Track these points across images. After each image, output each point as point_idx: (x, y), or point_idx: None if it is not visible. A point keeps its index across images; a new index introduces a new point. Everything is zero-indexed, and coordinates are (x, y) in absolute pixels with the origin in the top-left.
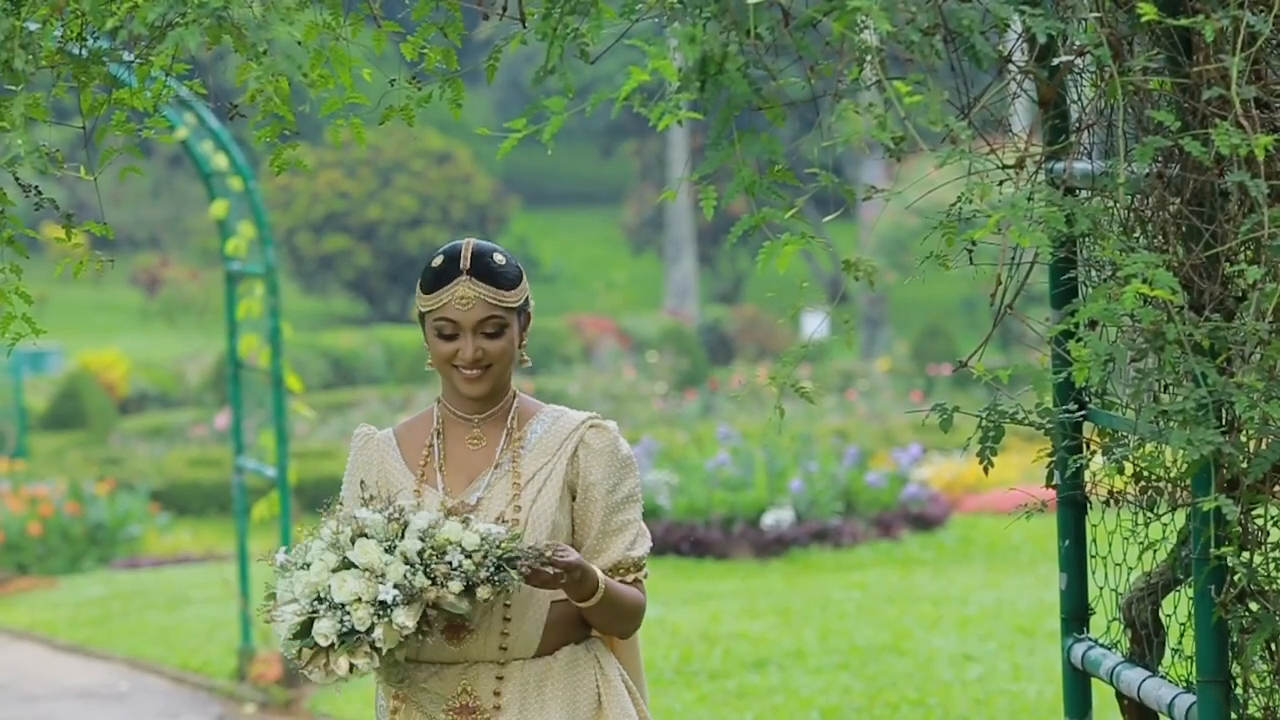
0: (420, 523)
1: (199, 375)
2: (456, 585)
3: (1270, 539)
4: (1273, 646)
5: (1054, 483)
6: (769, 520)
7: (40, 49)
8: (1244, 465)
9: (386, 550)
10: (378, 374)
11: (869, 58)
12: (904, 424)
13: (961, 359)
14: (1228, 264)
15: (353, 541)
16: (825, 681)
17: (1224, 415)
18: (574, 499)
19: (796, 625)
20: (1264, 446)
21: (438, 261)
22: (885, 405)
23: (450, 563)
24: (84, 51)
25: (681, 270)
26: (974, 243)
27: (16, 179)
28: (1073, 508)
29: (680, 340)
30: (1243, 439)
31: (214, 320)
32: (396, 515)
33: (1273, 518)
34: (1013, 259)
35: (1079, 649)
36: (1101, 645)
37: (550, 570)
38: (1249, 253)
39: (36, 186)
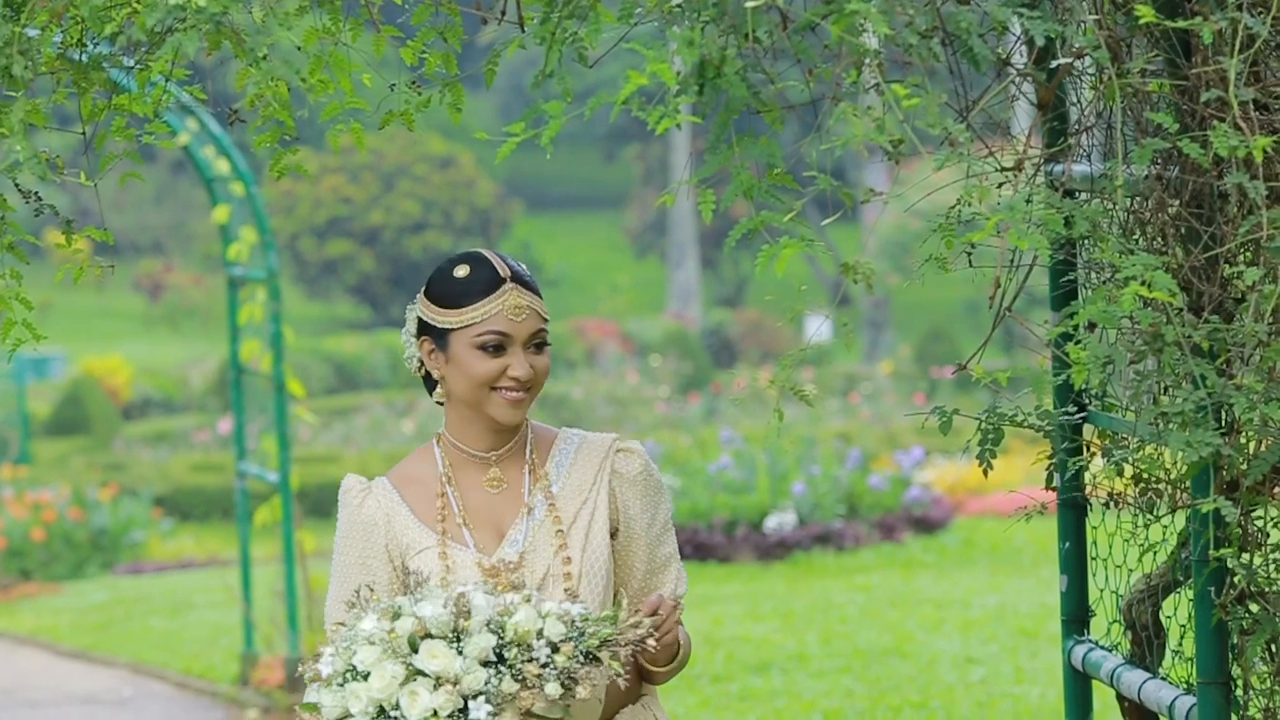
0: (483, 609)
1: (202, 380)
2: (554, 688)
3: (1270, 540)
4: (1273, 648)
5: (1054, 485)
6: (771, 523)
7: (40, 55)
8: (1243, 467)
9: (456, 650)
10: (381, 379)
11: (868, 61)
12: (907, 427)
13: (961, 361)
14: (1227, 266)
15: (414, 646)
16: (828, 685)
17: (1223, 417)
18: (613, 537)
19: (799, 628)
20: (1263, 448)
21: (463, 272)
22: (888, 408)
23: (538, 659)
24: (84, 57)
25: (684, 274)
26: (973, 245)
27: (17, 185)
28: (1073, 510)
29: (683, 344)
30: (1242, 441)
31: (217, 325)
32: (458, 607)
33: (1272, 519)
34: (1012, 261)
35: (1080, 651)
36: (1102, 647)
37: (653, 646)
38: (1248, 254)
39: (36, 193)
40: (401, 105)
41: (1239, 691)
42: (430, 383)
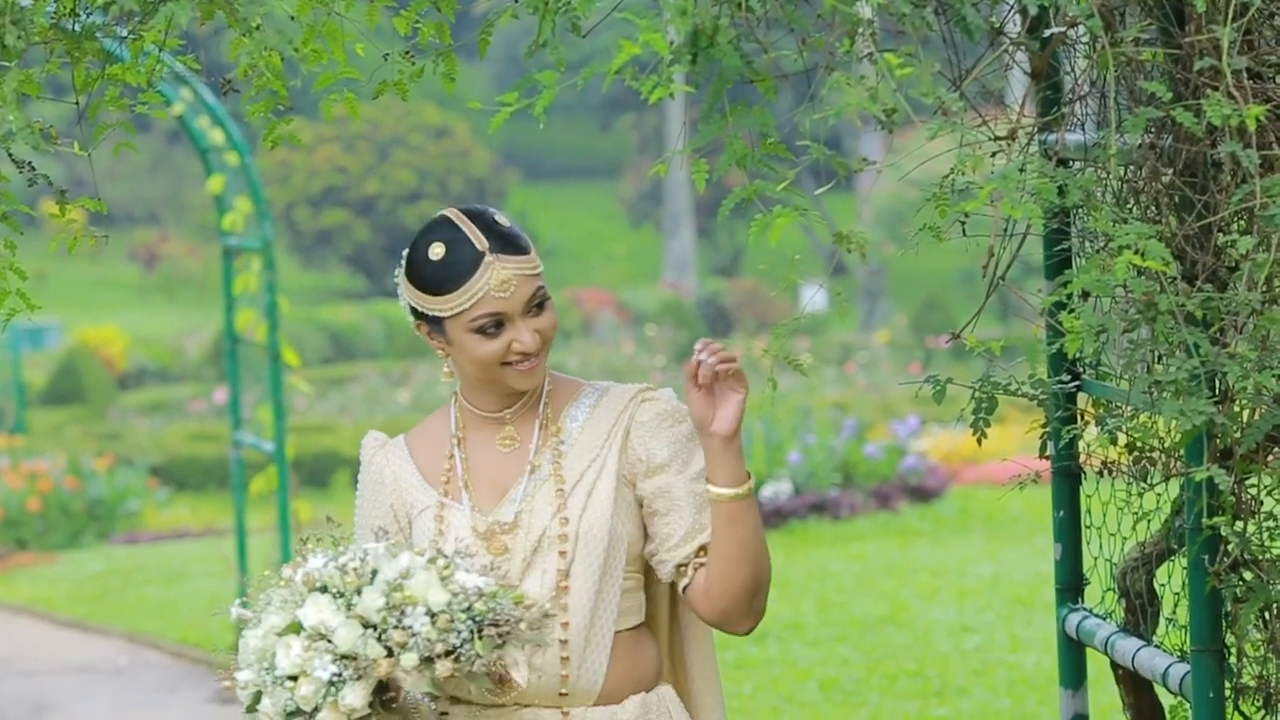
0: (391, 571)
1: (197, 350)
2: (411, 658)
3: (1263, 508)
4: (1266, 615)
5: (1048, 454)
6: (767, 492)
7: (33, 24)
8: (1237, 435)
9: (347, 606)
10: (376, 348)
11: (861, 30)
12: (902, 396)
13: (955, 330)
14: (1220, 234)
15: (304, 597)
16: (823, 653)
17: (1217, 385)
18: (638, 497)
19: (795, 597)
20: (1257, 416)
21: (438, 252)
22: (884, 377)
23: (408, 627)
24: (77, 27)
25: (680, 243)
26: (967, 215)
27: (11, 155)
28: (1067, 478)
29: (679, 313)
30: (1235, 409)
31: (212, 295)
32: (358, 561)
33: (1266, 487)
34: (1006, 230)
35: (1074, 619)
36: (1096, 615)
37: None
38: (1241, 223)
39: (30, 163)
40: (395, 75)
41: (1232, 659)
42: None
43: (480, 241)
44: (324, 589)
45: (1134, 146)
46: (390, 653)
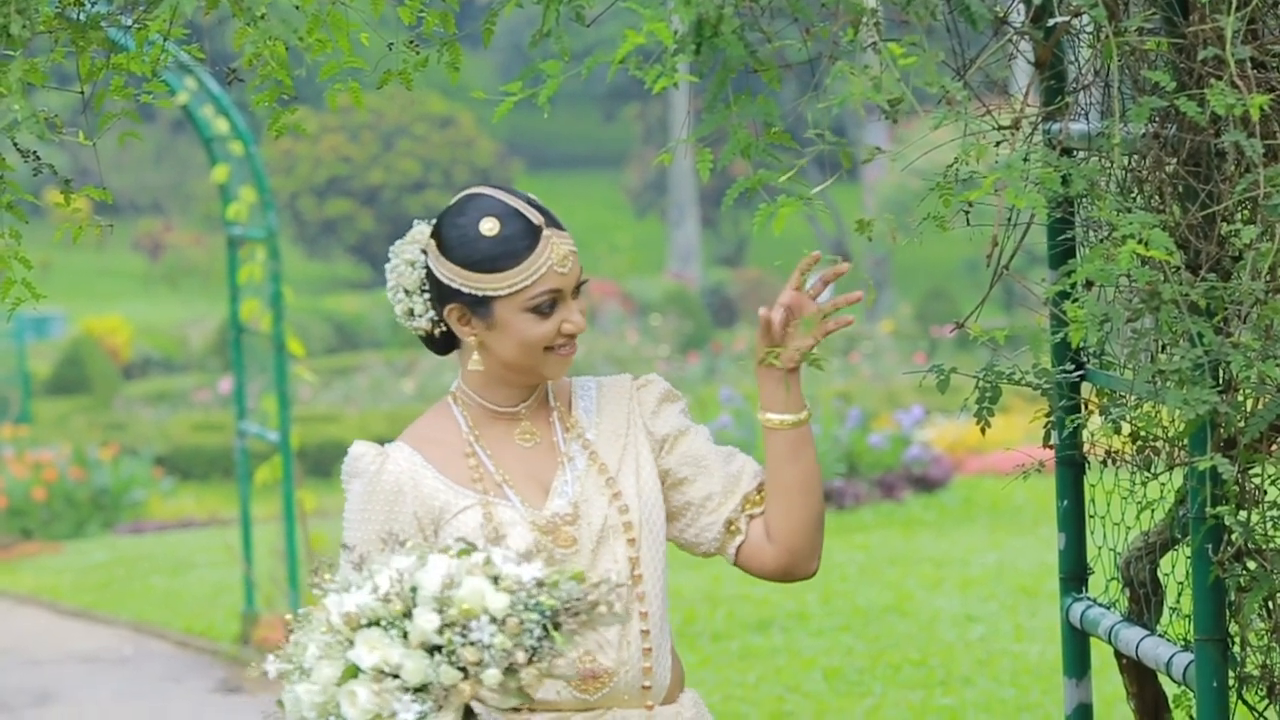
0: (432, 583)
1: (202, 340)
2: (493, 675)
3: (1267, 498)
4: (1270, 605)
5: (1051, 443)
6: None
7: (38, 13)
8: (1241, 424)
9: (402, 635)
10: (381, 338)
11: (865, 19)
12: (907, 386)
13: (959, 319)
14: (1224, 224)
15: (352, 638)
16: (828, 643)
17: (1220, 375)
18: (663, 473)
19: (799, 587)
20: (1261, 405)
21: (491, 227)
22: (888, 367)
23: (477, 642)
24: (82, 16)
25: (684, 233)
26: (971, 204)
27: (16, 144)
28: (1071, 468)
29: (683, 303)
30: (1239, 398)
31: (217, 285)
32: (395, 583)
33: (1270, 476)
34: (1010, 220)
35: (1078, 608)
36: (1100, 605)
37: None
38: (1245, 212)
39: (35, 152)
40: (400, 64)
41: (1236, 648)
42: (438, 343)
43: (536, 216)
44: (372, 624)
45: (1138, 136)
46: (466, 673)
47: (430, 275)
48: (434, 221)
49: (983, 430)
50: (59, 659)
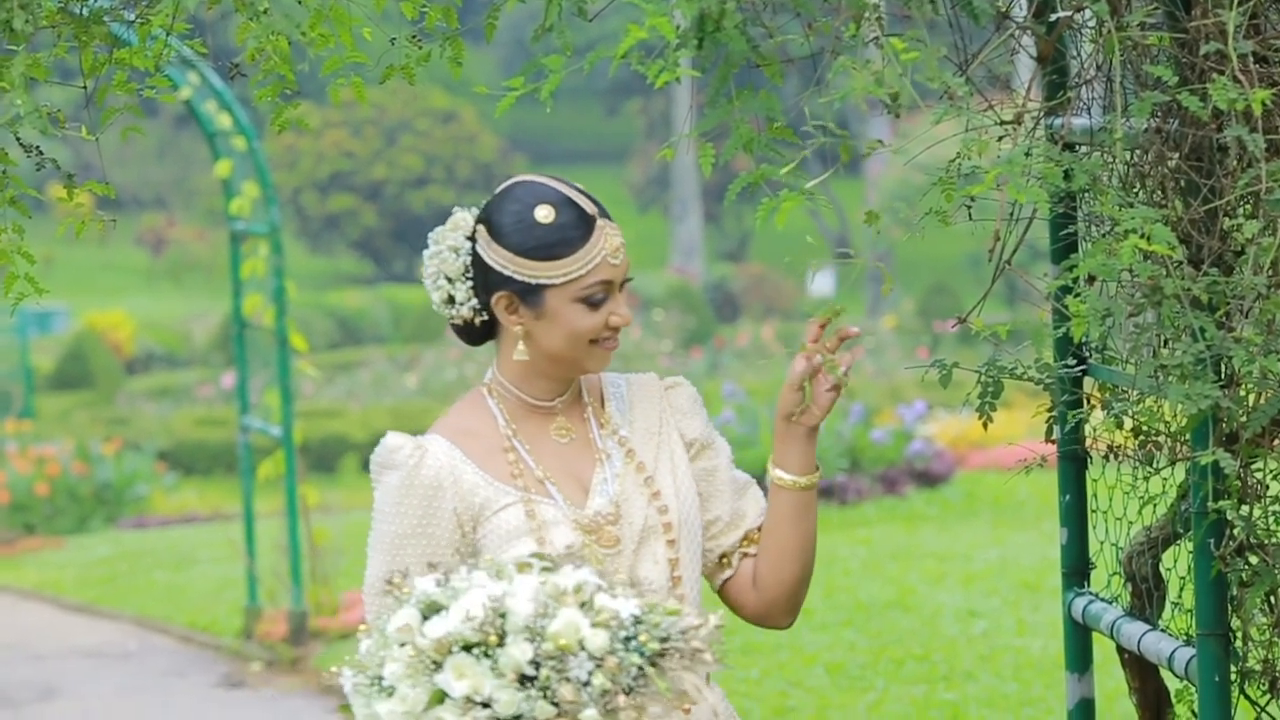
0: (523, 612)
1: (205, 335)
2: (591, 715)
3: (1269, 493)
4: (1272, 599)
5: (1053, 438)
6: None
7: (40, 8)
8: (1242, 419)
9: (490, 664)
10: (384, 333)
11: (867, 14)
12: (910, 381)
13: (961, 314)
14: (1226, 218)
15: (439, 661)
16: (830, 638)
17: (1222, 370)
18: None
19: None
20: (1263, 400)
21: (547, 215)
22: (891, 362)
23: (576, 679)
24: (84, 11)
25: (687, 228)
26: (973, 199)
27: (18, 139)
28: (1073, 463)
29: (686, 298)
30: (1241, 393)
31: (220, 280)
32: (489, 610)
33: (1272, 471)
34: (1012, 215)
35: (1080, 603)
36: (1102, 599)
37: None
38: (1247, 207)
39: (38, 147)
40: (402, 59)
41: (1238, 643)
42: (475, 332)
43: (589, 205)
44: (466, 648)
45: (1140, 131)
46: (559, 709)
47: (477, 262)
48: (475, 208)
49: (985, 425)
50: (62, 654)
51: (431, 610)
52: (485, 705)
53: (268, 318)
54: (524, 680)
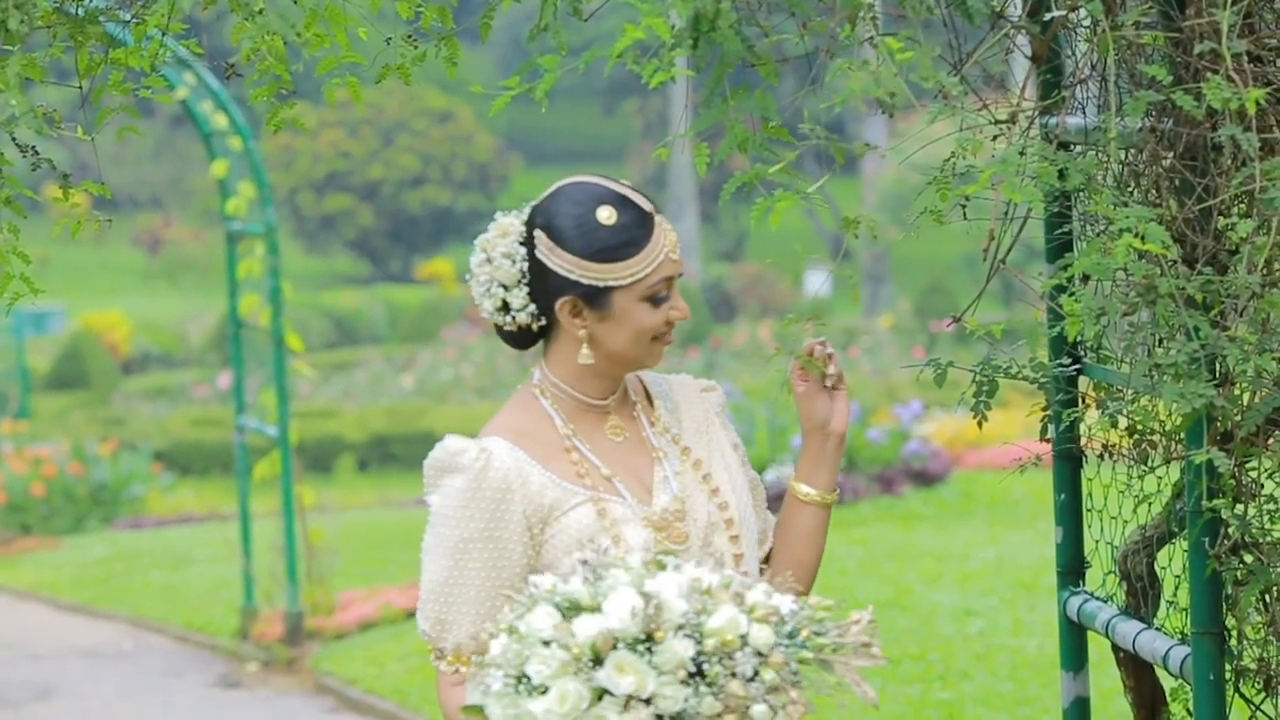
0: (678, 607)
1: (201, 335)
2: (762, 711)
3: (1264, 491)
4: (1266, 598)
5: (1049, 437)
6: (771, 477)
7: (36, 9)
8: (1237, 418)
9: (648, 661)
10: (380, 333)
11: (862, 14)
12: (906, 380)
13: (957, 314)
14: (1220, 218)
15: (597, 659)
16: None
17: (1217, 369)
18: None
19: None
20: (1257, 399)
21: (609, 216)
22: (887, 362)
23: (744, 675)
24: (80, 11)
25: (684, 228)
26: (968, 198)
27: (14, 140)
28: (1068, 462)
29: (683, 298)
30: (1235, 392)
31: (216, 280)
32: (650, 609)
33: (1266, 470)
34: (1007, 214)
35: (1075, 602)
36: (1097, 598)
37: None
38: (1241, 206)
39: (34, 147)
40: (398, 59)
41: (1233, 642)
42: (526, 337)
43: (645, 203)
44: (625, 646)
45: (1134, 130)
46: (727, 707)
47: (536, 268)
48: (516, 211)
49: (980, 424)
50: (59, 654)
51: (574, 609)
52: (646, 702)
53: (264, 318)
54: (691, 677)
